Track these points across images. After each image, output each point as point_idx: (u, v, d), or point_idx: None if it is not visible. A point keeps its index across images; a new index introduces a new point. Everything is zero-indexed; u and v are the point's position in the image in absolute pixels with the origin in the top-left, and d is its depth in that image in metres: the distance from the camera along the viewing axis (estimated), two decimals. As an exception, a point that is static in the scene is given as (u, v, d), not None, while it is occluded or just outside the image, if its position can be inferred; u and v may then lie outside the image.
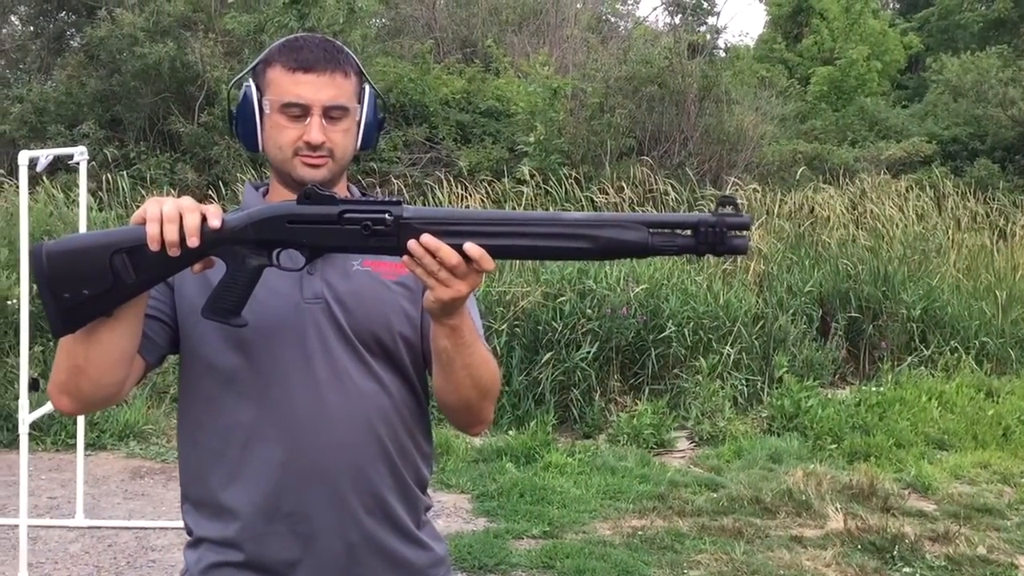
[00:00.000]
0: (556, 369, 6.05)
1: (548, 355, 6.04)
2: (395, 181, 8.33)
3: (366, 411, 1.45)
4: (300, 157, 1.45)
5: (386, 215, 1.32)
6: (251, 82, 1.48)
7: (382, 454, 1.47)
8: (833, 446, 5.71)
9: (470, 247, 1.29)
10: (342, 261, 1.48)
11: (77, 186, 4.61)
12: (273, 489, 1.43)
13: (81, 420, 4.50)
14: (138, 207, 1.35)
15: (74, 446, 4.63)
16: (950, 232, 8.91)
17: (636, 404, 6.09)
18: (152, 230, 1.26)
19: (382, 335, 1.48)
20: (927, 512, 4.73)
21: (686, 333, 6.37)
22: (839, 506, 4.61)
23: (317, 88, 1.44)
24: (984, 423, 6.16)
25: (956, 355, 7.40)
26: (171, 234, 1.26)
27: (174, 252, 1.27)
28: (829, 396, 6.45)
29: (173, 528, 4.31)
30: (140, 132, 8.69)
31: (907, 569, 3.97)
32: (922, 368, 7.21)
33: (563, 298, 6.23)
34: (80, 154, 4.33)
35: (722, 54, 17.74)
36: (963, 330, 7.68)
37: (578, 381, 6.10)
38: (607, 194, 7.95)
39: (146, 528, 4.34)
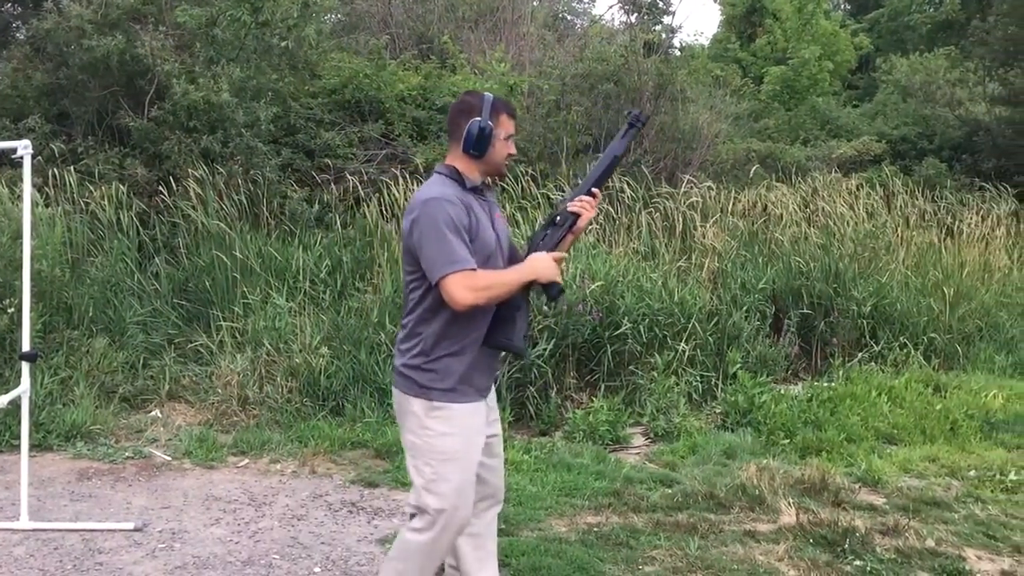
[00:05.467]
0: (513, 366, 6.04)
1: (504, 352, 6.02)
2: (350, 178, 8.24)
3: None
4: (508, 162, 2.99)
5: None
6: (490, 120, 2.85)
7: None
8: (786, 441, 5.77)
9: (595, 191, 3.03)
10: (494, 210, 3.00)
11: (22, 181, 4.50)
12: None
13: (25, 420, 4.39)
14: (85, 203, 1.37)
15: (18, 447, 4.52)
16: (899, 230, 9.06)
17: (592, 401, 6.11)
18: None
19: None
20: (877, 506, 4.80)
21: (641, 330, 6.40)
22: (791, 500, 4.66)
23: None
24: (932, 418, 6.26)
25: (905, 351, 7.53)
26: None
27: None
28: (782, 392, 6.52)
29: (121, 530, 4.23)
30: (88, 126, 8.48)
31: (858, 562, 4.02)
32: (872, 364, 7.32)
33: (519, 295, 6.21)
34: (24, 148, 4.24)
35: (677, 53, 17.85)
36: (912, 326, 7.81)
37: (534, 378, 6.10)
38: (563, 191, 7.95)
39: (93, 530, 4.25)
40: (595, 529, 4.36)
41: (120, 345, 6.34)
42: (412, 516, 2.93)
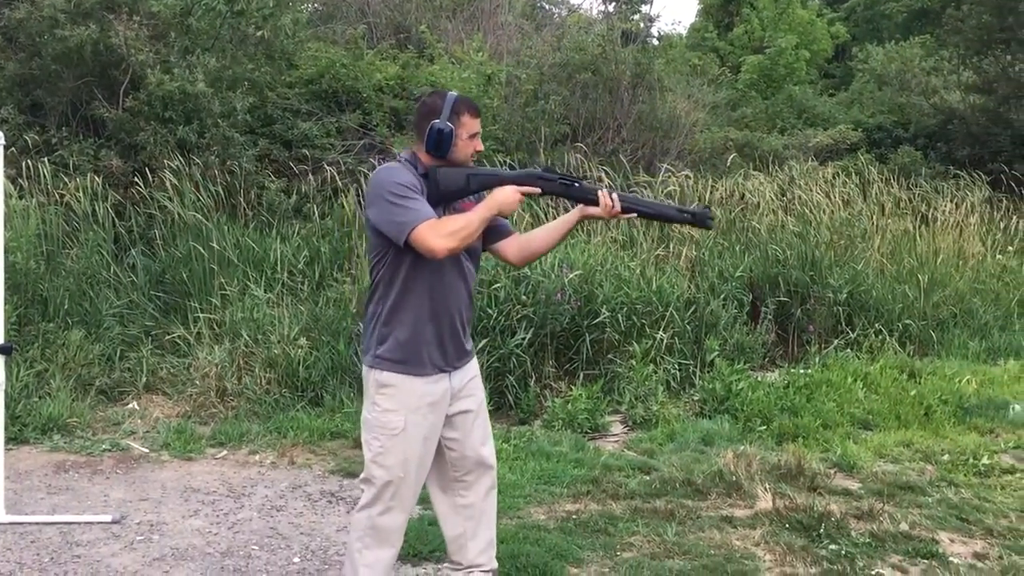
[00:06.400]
0: (491, 356, 6.05)
1: (483, 342, 6.04)
2: (328, 168, 8.20)
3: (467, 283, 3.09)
4: (474, 157, 3.03)
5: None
6: (450, 122, 2.93)
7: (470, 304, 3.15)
8: (762, 428, 5.82)
9: (625, 209, 3.05)
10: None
11: (-6, 172, 4.45)
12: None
13: (1, 414, 4.36)
14: (60, 194, 1.36)
15: (-6, 441, 4.48)
16: (875, 218, 9.13)
17: (571, 389, 6.13)
18: None
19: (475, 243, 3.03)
20: (852, 490, 4.85)
21: (620, 318, 6.43)
22: (768, 486, 4.71)
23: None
24: (907, 403, 6.33)
25: (880, 337, 7.60)
26: None
27: None
28: (759, 379, 6.57)
29: (99, 522, 4.22)
30: (62, 117, 8.39)
31: (833, 546, 4.07)
32: (848, 350, 7.38)
33: (498, 285, 6.23)
34: (-4, 139, 4.19)
35: (655, 42, 17.88)
36: (887, 313, 7.88)
37: (513, 367, 6.11)
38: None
39: (71, 523, 4.23)
40: (573, 516, 4.39)
41: (96, 337, 6.30)
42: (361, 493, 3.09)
